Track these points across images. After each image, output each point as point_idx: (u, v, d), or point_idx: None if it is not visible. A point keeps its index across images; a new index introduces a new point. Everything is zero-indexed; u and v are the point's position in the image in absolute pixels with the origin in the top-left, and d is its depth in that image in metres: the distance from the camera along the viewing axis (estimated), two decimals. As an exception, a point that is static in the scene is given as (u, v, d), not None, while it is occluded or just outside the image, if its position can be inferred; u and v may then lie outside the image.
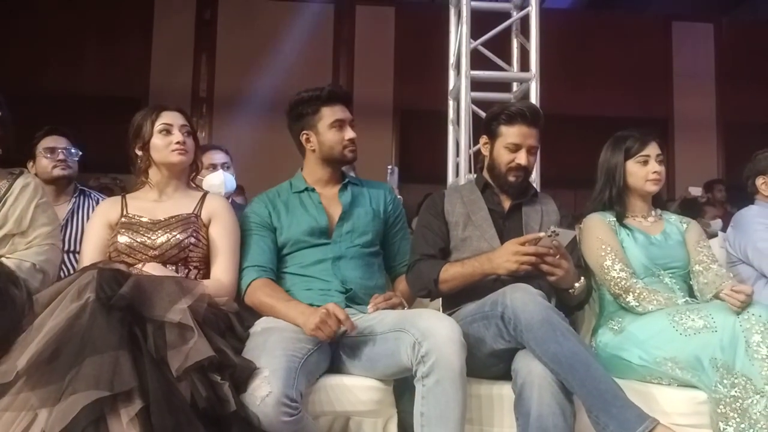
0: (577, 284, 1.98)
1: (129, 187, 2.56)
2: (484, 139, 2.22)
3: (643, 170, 2.24)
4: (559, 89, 5.18)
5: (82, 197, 2.72)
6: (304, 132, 2.16)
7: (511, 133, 2.12)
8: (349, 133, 2.14)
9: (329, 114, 2.13)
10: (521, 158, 2.11)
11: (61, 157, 2.66)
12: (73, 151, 2.71)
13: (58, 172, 2.65)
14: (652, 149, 2.25)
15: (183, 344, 1.51)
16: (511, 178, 2.13)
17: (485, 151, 2.21)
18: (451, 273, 2.02)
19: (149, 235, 1.96)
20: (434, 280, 2.02)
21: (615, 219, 2.24)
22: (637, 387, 1.89)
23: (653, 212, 2.29)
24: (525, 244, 1.89)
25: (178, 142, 2.03)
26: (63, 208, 2.65)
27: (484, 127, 2.22)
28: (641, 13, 7.63)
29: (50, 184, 2.62)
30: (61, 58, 6.52)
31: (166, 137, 2.04)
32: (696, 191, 5.73)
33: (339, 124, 2.13)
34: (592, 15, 7.75)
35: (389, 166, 3.68)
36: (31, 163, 2.70)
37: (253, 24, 6.94)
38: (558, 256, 1.90)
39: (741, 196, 2.66)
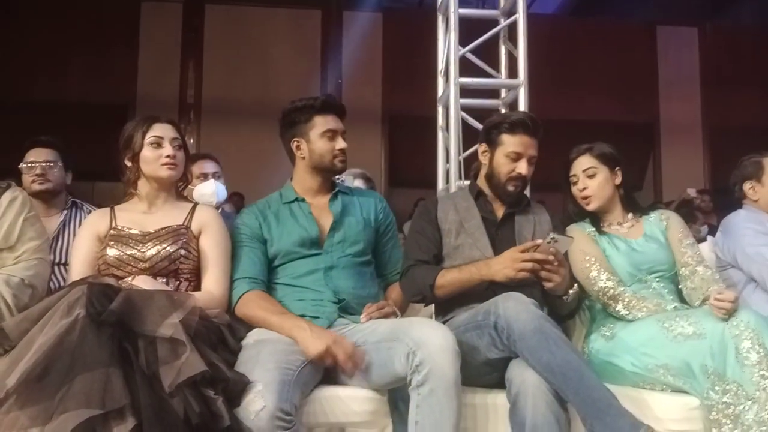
0: (571, 291, 1.99)
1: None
2: (483, 147, 2.21)
3: (575, 189, 2.27)
4: (547, 95, 5.21)
5: (74, 209, 2.68)
6: (296, 139, 2.16)
7: (513, 142, 2.12)
8: (340, 144, 2.14)
9: (322, 123, 2.13)
10: (522, 168, 2.12)
11: (38, 171, 2.61)
12: (52, 163, 2.64)
13: (36, 187, 2.60)
14: (578, 166, 2.26)
15: (175, 359, 1.49)
16: (510, 188, 2.14)
17: (484, 160, 2.20)
18: (448, 278, 2.02)
19: (139, 248, 1.94)
20: (430, 285, 2.02)
21: (594, 229, 2.25)
22: (630, 393, 1.89)
23: (628, 216, 2.29)
24: (525, 252, 1.89)
25: (168, 156, 2.01)
26: (54, 220, 2.62)
27: (484, 135, 2.21)
28: (627, 19, 7.69)
29: (35, 198, 2.58)
30: (48, 66, 6.47)
31: (156, 150, 2.02)
32: (693, 193, 5.78)
33: (331, 134, 2.13)
34: (578, 21, 7.81)
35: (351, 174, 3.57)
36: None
37: (241, 30, 6.93)
38: (556, 263, 1.91)
39: (727, 200, 2.67)
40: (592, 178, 2.23)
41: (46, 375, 1.40)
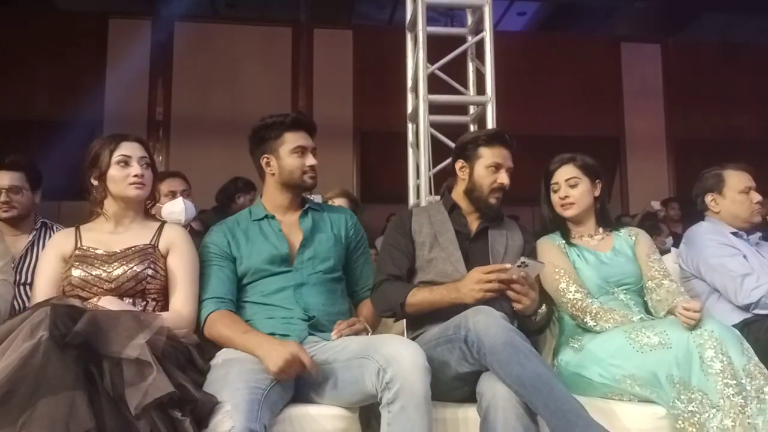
0: (540, 311, 2.02)
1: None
2: (460, 163, 2.24)
3: (555, 197, 2.32)
4: (515, 110, 5.29)
5: (43, 230, 2.62)
6: (265, 156, 2.16)
7: (492, 154, 2.18)
8: (310, 160, 2.14)
9: (291, 140, 2.14)
10: (503, 178, 2.17)
11: (3, 198, 2.54)
12: (17, 188, 2.57)
13: (1, 214, 2.55)
14: (561, 174, 2.31)
15: (141, 381, 1.47)
16: (493, 200, 2.18)
17: (463, 175, 2.23)
18: (418, 298, 2.03)
19: (104, 268, 1.91)
20: (401, 304, 2.03)
21: (564, 241, 2.29)
22: (598, 404, 1.92)
23: (599, 230, 2.33)
24: (490, 273, 1.92)
25: (135, 175, 1.98)
26: (22, 239, 2.57)
27: (459, 151, 2.25)
28: (591, 35, 7.86)
29: (1, 222, 2.54)
30: (14, 83, 6.36)
31: (124, 169, 1.99)
32: (657, 205, 5.89)
33: (300, 150, 2.13)
34: (544, 37, 7.95)
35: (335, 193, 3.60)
36: None
37: (210, 47, 6.90)
38: (525, 287, 1.94)
39: (693, 210, 2.73)
40: (573, 188, 2.28)
41: (9, 399, 1.37)
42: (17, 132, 5.82)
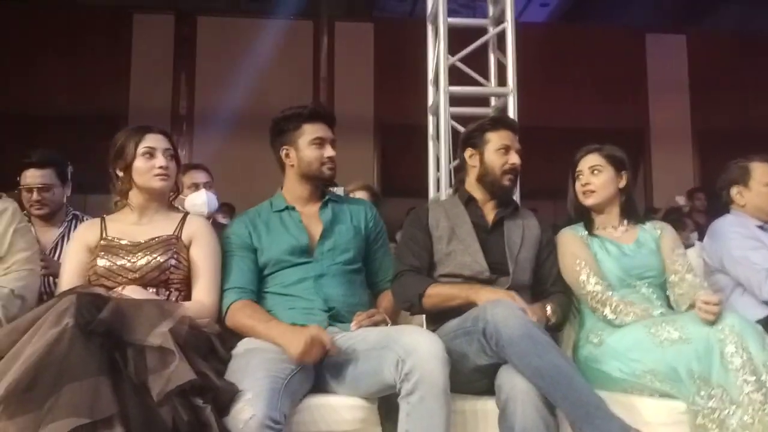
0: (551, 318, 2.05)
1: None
2: (469, 151, 2.27)
3: (578, 185, 2.31)
4: (537, 102, 5.24)
5: (74, 221, 2.68)
6: (285, 147, 2.18)
7: (499, 137, 2.22)
8: (329, 151, 2.15)
9: (310, 131, 2.15)
10: (514, 158, 2.21)
11: (36, 197, 2.61)
12: (48, 186, 2.63)
13: (34, 212, 2.63)
14: (585, 163, 2.30)
15: (164, 368, 1.50)
16: (506, 182, 2.21)
17: (474, 162, 2.25)
18: (437, 291, 2.05)
19: (129, 258, 1.95)
20: (419, 295, 2.05)
21: (587, 232, 2.27)
22: (619, 398, 1.91)
23: (624, 222, 2.31)
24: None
25: (161, 167, 2.01)
26: (53, 232, 2.64)
27: (466, 141, 2.28)
28: (615, 26, 7.75)
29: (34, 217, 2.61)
30: (39, 78, 6.46)
31: (149, 161, 2.02)
32: (682, 200, 5.80)
33: (319, 142, 2.15)
34: (567, 28, 7.86)
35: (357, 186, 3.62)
36: None
37: (233, 41, 6.94)
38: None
39: (717, 204, 2.69)
40: (597, 176, 2.27)
41: (35, 385, 1.40)
42: (42, 127, 5.91)
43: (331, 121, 2.21)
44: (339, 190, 3.39)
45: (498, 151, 2.20)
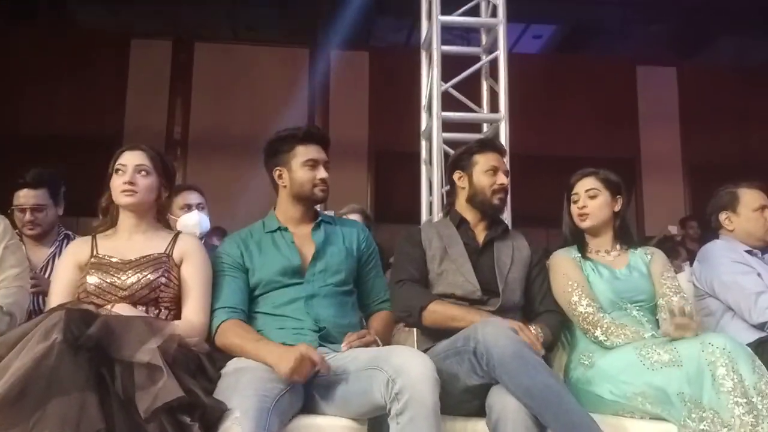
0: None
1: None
2: (458, 174, 2.31)
3: (574, 208, 2.33)
4: (529, 130, 5.30)
5: (66, 241, 2.68)
6: (278, 168, 2.19)
7: (487, 159, 2.27)
8: (321, 173, 2.16)
9: (303, 152, 2.16)
10: (502, 178, 2.25)
11: (28, 217, 2.62)
12: (41, 206, 2.64)
13: (26, 232, 2.64)
14: (581, 186, 2.33)
15: (152, 385, 1.49)
16: (496, 201, 2.24)
17: (463, 184, 2.29)
18: (440, 308, 2.06)
19: (119, 276, 1.94)
20: (421, 308, 2.06)
21: (580, 255, 2.29)
22: (610, 421, 1.90)
23: (617, 246, 2.33)
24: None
25: (125, 182, 2.01)
26: (44, 251, 2.64)
27: (455, 164, 2.33)
28: (607, 58, 7.88)
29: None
30: (36, 99, 6.50)
31: (119, 177, 2.03)
32: (674, 230, 5.83)
33: (312, 163, 2.16)
34: (560, 58, 7.99)
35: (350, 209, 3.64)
36: None
37: (229, 68, 7.02)
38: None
39: (709, 233, 2.71)
40: (593, 199, 2.30)
41: (22, 398, 1.39)
42: (37, 148, 5.91)
43: (325, 142, 2.23)
44: (330, 214, 3.41)
45: (486, 173, 2.24)
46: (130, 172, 2.02)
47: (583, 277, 2.22)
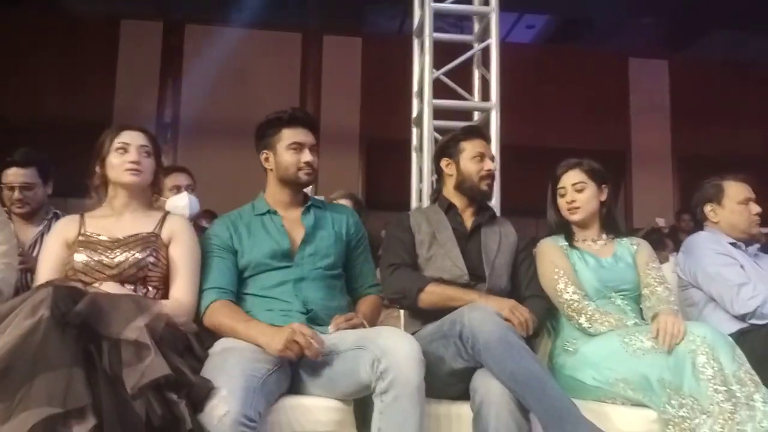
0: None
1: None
2: (445, 161, 2.32)
3: (562, 201, 2.35)
4: (520, 120, 5.30)
5: (54, 220, 2.68)
6: (265, 151, 2.19)
7: (473, 145, 2.29)
8: (306, 156, 2.15)
9: (289, 136, 2.16)
10: (489, 164, 2.27)
11: (17, 196, 2.63)
12: (30, 185, 2.65)
13: (15, 210, 2.65)
14: (568, 179, 2.34)
15: (138, 362, 1.49)
16: (484, 187, 2.27)
17: (450, 171, 2.30)
18: (439, 289, 2.08)
19: (107, 254, 1.94)
20: (418, 289, 2.08)
21: (567, 243, 2.31)
22: (592, 407, 1.93)
23: (603, 235, 2.36)
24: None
25: (131, 161, 2.01)
26: (33, 230, 2.66)
27: (441, 152, 2.35)
28: (599, 50, 7.90)
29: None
30: (24, 82, 6.44)
31: (122, 156, 2.02)
32: (662, 222, 5.86)
33: (296, 147, 2.15)
34: (552, 49, 7.99)
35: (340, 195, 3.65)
36: None
37: (220, 50, 6.96)
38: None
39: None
40: (580, 192, 2.31)
41: (8, 374, 1.39)
42: (26, 131, 5.86)
43: (311, 125, 2.22)
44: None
45: (473, 159, 2.26)
46: (134, 151, 2.03)
47: (569, 265, 2.24)
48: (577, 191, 2.31)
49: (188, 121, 6.92)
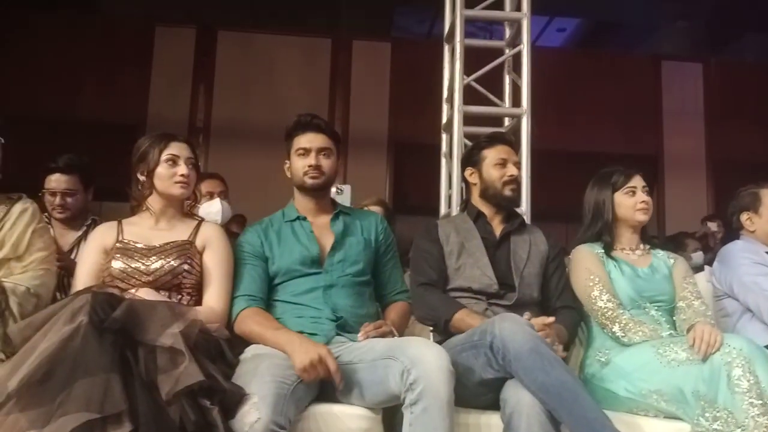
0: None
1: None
2: (469, 170, 2.34)
3: (631, 201, 2.31)
4: (551, 125, 5.27)
5: (93, 226, 2.72)
6: (286, 161, 2.25)
7: (495, 152, 2.29)
8: (310, 160, 2.16)
9: (297, 142, 2.20)
10: (512, 170, 2.26)
11: (59, 201, 2.67)
12: (72, 191, 2.68)
13: (56, 215, 2.70)
14: (638, 181, 2.33)
15: (174, 368, 1.52)
16: (508, 192, 2.26)
17: (474, 180, 2.32)
18: (466, 322, 2.04)
19: (144, 261, 1.98)
20: (446, 321, 2.08)
21: (603, 251, 2.29)
22: (624, 418, 1.91)
23: (641, 246, 2.34)
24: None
25: (182, 175, 2.06)
26: (72, 235, 2.70)
27: (465, 162, 2.37)
28: (631, 53, 7.79)
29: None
30: (60, 84, 6.58)
31: (171, 168, 2.06)
32: (714, 227, 5.68)
33: (303, 152, 2.18)
34: (584, 53, 7.91)
35: (336, 187, 3.62)
36: None
37: (252, 57, 7.05)
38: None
39: (729, 233, 2.69)
40: (648, 195, 2.34)
41: (48, 379, 1.43)
42: (61, 133, 6.01)
43: (320, 128, 2.20)
44: (346, 197, 3.39)
45: (495, 166, 2.27)
46: (183, 164, 2.07)
47: (605, 273, 2.22)
48: (645, 193, 2.32)
49: (220, 125, 7.00)
